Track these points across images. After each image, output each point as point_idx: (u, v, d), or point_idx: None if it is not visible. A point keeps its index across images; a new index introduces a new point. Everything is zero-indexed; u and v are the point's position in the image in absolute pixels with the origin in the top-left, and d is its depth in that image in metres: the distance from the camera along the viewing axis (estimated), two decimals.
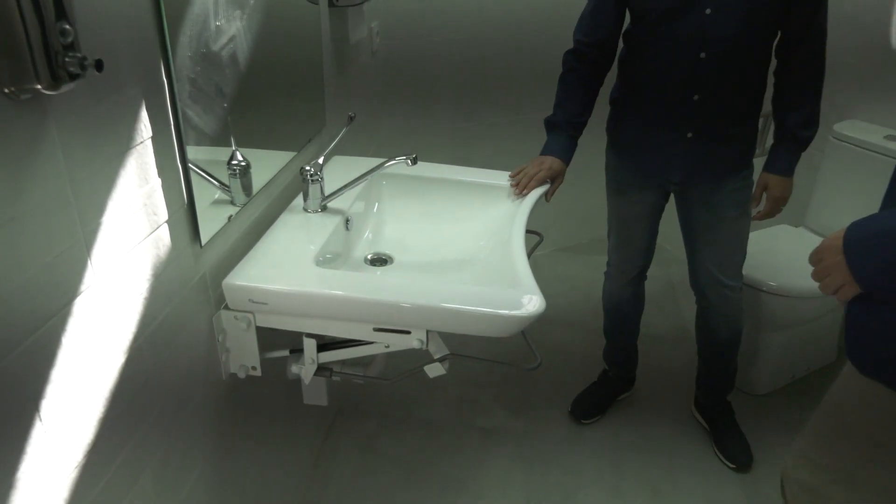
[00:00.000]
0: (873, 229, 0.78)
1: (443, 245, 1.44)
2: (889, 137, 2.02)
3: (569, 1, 1.79)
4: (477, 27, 2.27)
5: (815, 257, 0.86)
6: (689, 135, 1.52)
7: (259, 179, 1.27)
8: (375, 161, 1.37)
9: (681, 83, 1.46)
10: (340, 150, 1.56)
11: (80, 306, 0.76)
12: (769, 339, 2.08)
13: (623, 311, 1.94)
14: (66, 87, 0.66)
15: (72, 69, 0.65)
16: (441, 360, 1.18)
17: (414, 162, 1.26)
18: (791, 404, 2.12)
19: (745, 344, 2.16)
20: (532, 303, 1.04)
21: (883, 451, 0.88)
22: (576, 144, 1.62)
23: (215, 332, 1.13)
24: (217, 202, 1.13)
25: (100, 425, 0.82)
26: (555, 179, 1.55)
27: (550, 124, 1.62)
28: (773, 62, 1.52)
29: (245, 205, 1.21)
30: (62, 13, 0.64)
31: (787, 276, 1.95)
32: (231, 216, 1.14)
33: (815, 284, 0.87)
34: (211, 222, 1.08)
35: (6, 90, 0.63)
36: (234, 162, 1.22)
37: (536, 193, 1.47)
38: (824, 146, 2.17)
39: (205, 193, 1.06)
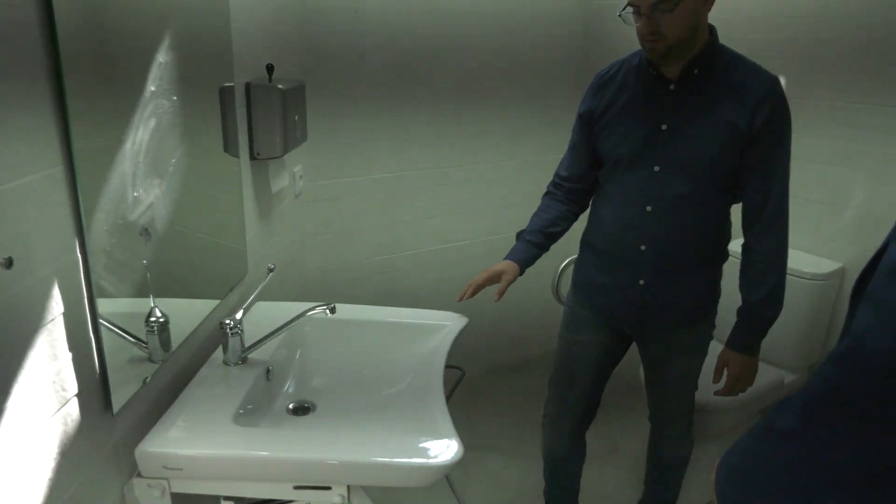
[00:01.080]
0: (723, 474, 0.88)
1: (366, 389, 1.45)
2: None
3: None
4: (398, 167, 2.41)
5: None
6: (641, 282, 1.54)
7: (179, 331, 1.27)
8: (297, 306, 1.40)
9: (630, 232, 1.52)
10: (263, 296, 1.59)
11: None
12: (696, 452, 2.13)
13: (560, 470, 1.89)
14: None
15: None
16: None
17: (332, 311, 1.30)
18: None
19: None
20: (449, 450, 1.06)
21: None
22: (536, 252, 1.65)
23: (127, 503, 1.09)
24: (134, 360, 1.13)
25: None
26: (503, 277, 1.58)
27: (517, 235, 1.69)
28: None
29: (164, 361, 1.21)
30: None
31: (700, 391, 2.03)
32: (146, 378, 1.13)
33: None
34: (125, 386, 1.07)
35: None
36: (153, 319, 1.22)
37: (458, 327, 1.53)
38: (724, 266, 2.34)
39: (120, 352, 1.06)
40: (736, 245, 1.59)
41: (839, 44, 2.02)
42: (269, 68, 1.69)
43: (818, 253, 2.18)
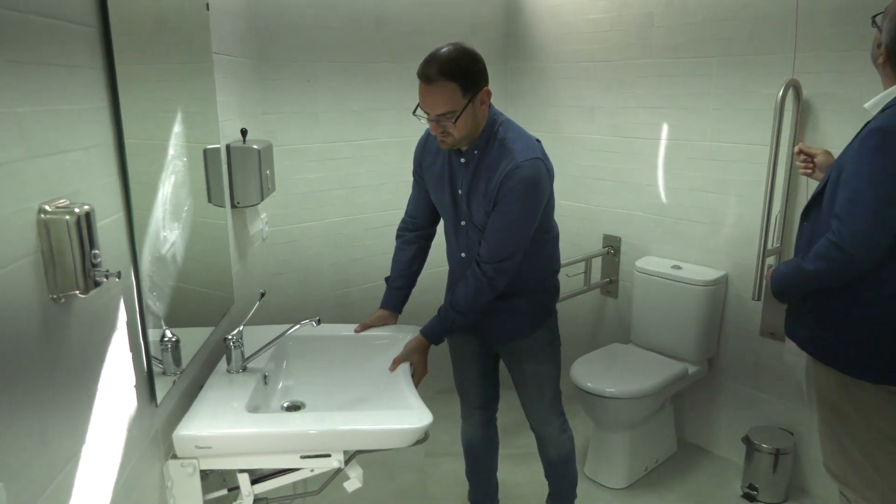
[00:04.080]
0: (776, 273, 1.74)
1: (345, 389, 1.75)
2: (675, 266, 2.65)
3: None
4: (343, 207, 2.75)
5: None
6: None
7: (187, 353, 1.55)
8: (281, 327, 1.70)
9: (458, 269, 1.89)
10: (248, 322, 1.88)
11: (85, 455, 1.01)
12: (618, 438, 2.51)
13: (476, 452, 2.20)
14: (92, 292, 0.97)
15: (98, 279, 0.97)
16: (350, 459, 1.46)
17: (318, 323, 1.61)
18: (648, 492, 2.52)
19: (599, 444, 2.57)
20: (423, 417, 1.39)
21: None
22: (406, 293, 1.99)
23: (164, 481, 1.35)
24: (156, 372, 1.40)
25: None
26: (386, 322, 1.94)
27: (385, 280, 2.03)
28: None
29: (182, 372, 1.48)
30: (93, 244, 0.97)
31: (621, 382, 2.42)
32: (175, 380, 1.41)
33: (646, 386, 1.30)
34: (159, 386, 1.34)
35: (52, 296, 0.94)
36: (165, 339, 1.50)
37: (412, 335, 1.86)
38: (633, 279, 2.78)
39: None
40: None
41: (706, 97, 2.52)
42: (244, 132, 2.01)
43: (705, 264, 2.64)
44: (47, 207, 0.92)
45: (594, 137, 2.95)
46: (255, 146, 1.97)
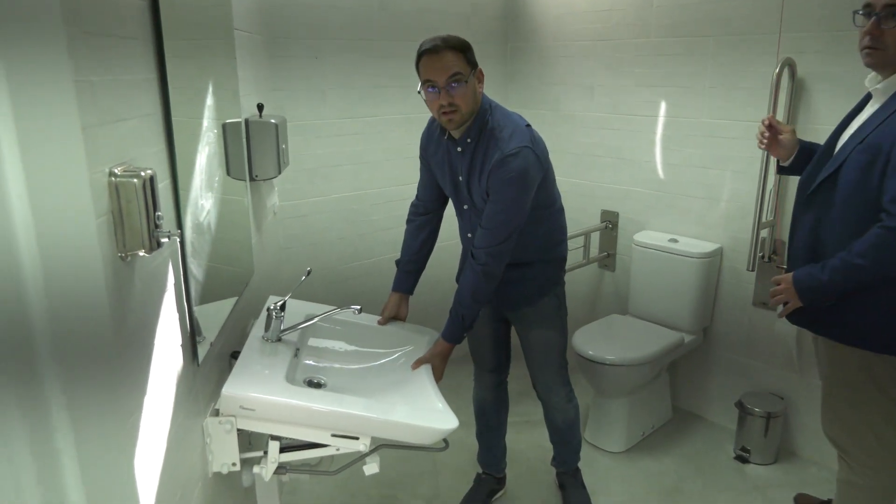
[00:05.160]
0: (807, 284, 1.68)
1: (364, 377, 1.81)
2: (672, 240, 2.75)
3: None
4: (358, 186, 2.81)
5: (774, 290, 1.77)
6: None
7: (219, 320, 1.61)
8: (322, 307, 1.78)
9: (465, 238, 2.02)
10: (271, 291, 1.94)
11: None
12: (617, 404, 2.62)
13: (486, 414, 2.30)
14: (155, 252, 1.03)
15: (161, 239, 1.03)
16: (372, 451, 1.55)
17: (360, 311, 1.73)
18: (645, 456, 2.63)
19: (599, 411, 2.68)
20: (451, 420, 1.48)
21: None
22: (416, 277, 2.10)
23: (204, 437, 1.43)
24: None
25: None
26: (400, 308, 2.04)
27: (396, 263, 2.12)
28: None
29: (215, 337, 1.55)
30: (156, 207, 1.03)
31: (621, 351, 2.53)
32: (211, 342, 1.48)
33: (644, 354, 1.38)
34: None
35: (120, 254, 1.00)
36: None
37: (432, 338, 1.93)
38: (630, 253, 2.87)
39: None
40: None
41: (703, 76, 2.60)
42: (260, 107, 2.06)
43: (702, 237, 2.74)
44: (117, 171, 0.97)
45: (593, 115, 3.03)
46: (272, 120, 2.02)
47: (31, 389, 0.67)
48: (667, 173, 2.82)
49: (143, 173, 1.00)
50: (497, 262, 1.85)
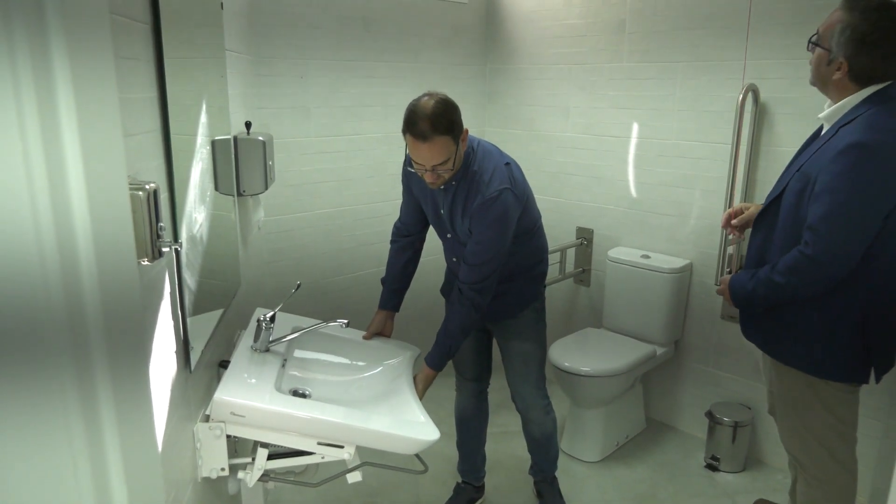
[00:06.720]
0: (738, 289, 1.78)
1: (347, 389, 1.87)
2: (644, 256, 2.85)
3: None
4: (340, 202, 2.87)
5: (718, 290, 1.90)
6: None
7: (205, 329, 1.66)
8: (310, 321, 1.84)
9: (449, 260, 2.12)
10: (257, 303, 1.99)
11: None
12: (592, 415, 2.70)
13: (467, 422, 2.36)
14: (156, 261, 1.09)
15: (163, 249, 1.09)
16: (358, 467, 1.61)
17: (347, 325, 1.78)
18: (619, 465, 2.71)
19: (575, 421, 2.75)
20: (432, 432, 1.55)
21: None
22: (401, 295, 2.17)
23: (194, 442, 1.47)
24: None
25: None
26: (385, 325, 2.12)
27: (382, 281, 2.20)
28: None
29: (205, 346, 1.60)
30: (159, 217, 1.09)
31: (595, 363, 2.61)
32: (202, 350, 1.53)
33: (618, 365, 1.50)
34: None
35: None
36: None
37: (414, 354, 2.02)
38: (605, 268, 2.97)
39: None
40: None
41: (673, 99, 2.73)
42: (248, 125, 2.13)
43: (672, 254, 2.85)
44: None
45: (568, 135, 3.14)
46: (260, 138, 2.08)
47: (84, 382, 0.73)
48: (639, 192, 2.93)
49: (147, 186, 1.06)
50: (484, 296, 1.94)
